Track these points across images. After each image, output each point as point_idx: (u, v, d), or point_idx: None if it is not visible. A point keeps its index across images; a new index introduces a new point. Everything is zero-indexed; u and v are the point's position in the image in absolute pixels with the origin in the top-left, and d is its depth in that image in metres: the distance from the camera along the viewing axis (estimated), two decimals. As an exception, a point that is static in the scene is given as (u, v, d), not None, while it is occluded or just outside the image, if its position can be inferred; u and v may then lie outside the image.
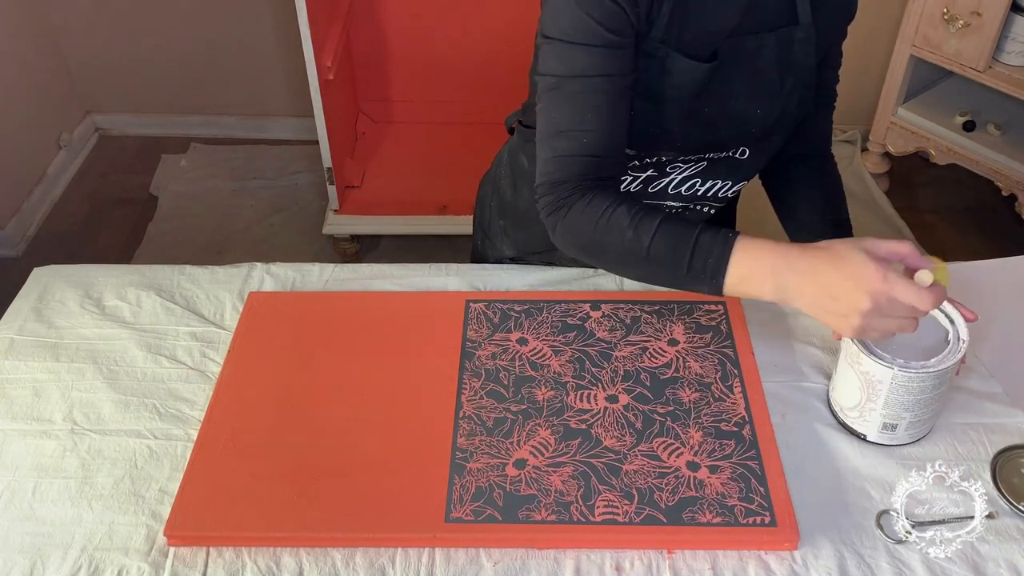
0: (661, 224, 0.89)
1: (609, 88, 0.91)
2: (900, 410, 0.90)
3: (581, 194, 0.93)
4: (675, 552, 0.85)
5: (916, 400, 0.89)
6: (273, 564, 0.84)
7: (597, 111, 0.92)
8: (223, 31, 2.63)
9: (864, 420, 0.93)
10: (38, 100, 2.58)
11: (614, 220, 0.90)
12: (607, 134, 0.93)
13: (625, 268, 0.96)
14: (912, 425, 0.92)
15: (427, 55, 2.54)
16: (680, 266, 0.88)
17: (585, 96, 0.91)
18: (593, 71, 0.90)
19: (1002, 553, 0.84)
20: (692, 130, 1.01)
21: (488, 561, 0.84)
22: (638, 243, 0.89)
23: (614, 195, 0.93)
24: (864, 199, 2.57)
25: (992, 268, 1.17)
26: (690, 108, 0.98)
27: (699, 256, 0.87)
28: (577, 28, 0.89)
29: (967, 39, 2.19)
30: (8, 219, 2.41)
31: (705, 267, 0.87)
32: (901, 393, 0.88)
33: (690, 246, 0.87)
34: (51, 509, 0.89)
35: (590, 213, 0.92)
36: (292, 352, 1.04)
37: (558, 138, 0.93)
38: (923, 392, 0.88)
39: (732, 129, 1.02)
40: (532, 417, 0.95)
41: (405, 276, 1.16)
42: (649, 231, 0.89)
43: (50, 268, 1.18)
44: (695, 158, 1.06)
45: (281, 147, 2.80)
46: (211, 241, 2.46)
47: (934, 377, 0.87)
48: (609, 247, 0.92)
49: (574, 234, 0.94)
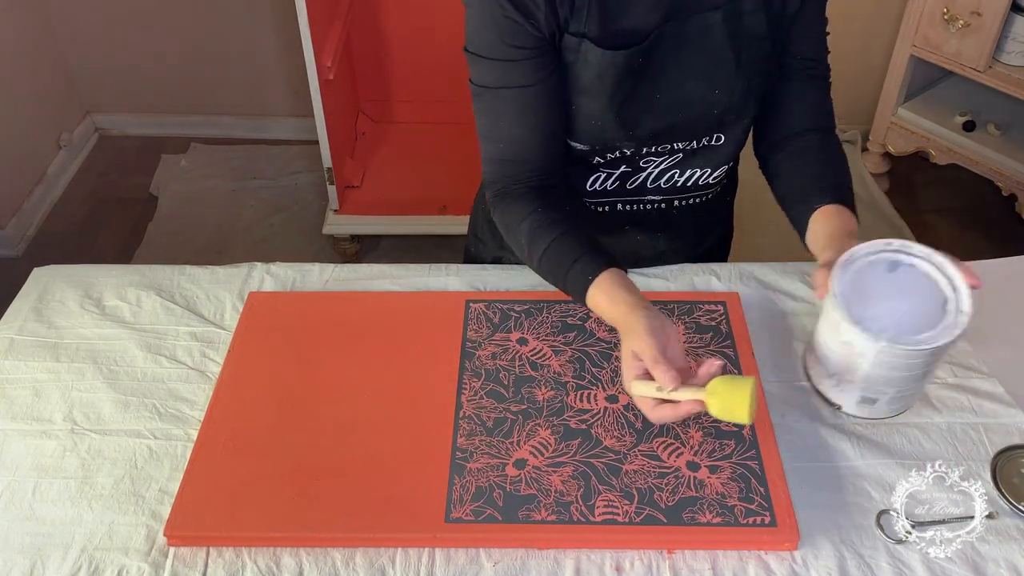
0: (549, 246, 0.98)
1: (515, 98, 0.96)
2: (883, 385, 0.83)
3: (505, 197, 1.02)
4: (675, 552, 0.85)
5: (901, 377, 0.82)
6: (273, 564, 0.84)
7: (510, 120, 0.98)
8: (223, 31, 2.63)
9: (840, 391, 0.88)
10: (38, 100, 2.58)
11: (517, 234, 1.01)
12: (521, 140, 0.99)
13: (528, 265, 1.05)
14: (894, 400, 0.86)
15: (427, 55, 2.53)
16: (560, 283, 0.99)
17: (494, 106, 0.98)
18: (498, 83, 0.97)
19: (1002, 553, 0.84)
20: (640, 119, 1.01)
21: (488, 561, 0.84)
22: (531, 259, 1.01)
23: (527, 206, 1.00)
24: (864, 199, 2.57)
25: (992, 268, 1.17)
26: (626, 98, 0.98)
27: (570, 283, 0.97)
28: (483, 43, 0.96)
29: (967, 39, 2.19)
30: (8, 219, 2.41)
31: (572, 291, 0.97)
32: (885, 369, 0.81)
33: (564, 274, 0.97)
34: (51, 509, 0.89)
35: (503, 221, 1.03)
36: (292, 352, 1.04)
37: (484, 142, 1.02)
38: (910, 369, 0.81)
39: (692, 113, 1.01)
40: (532, 417, 0.95)
41: (405, 276, 1.16)
42: (538, 253, 0.99)
43: (50, 268, 1.18)
44: (667, 149, 1.05)
45: (281, 147, 2.80)
46: (211, 241, 2.46)
47: (927, 354, 0.79)
48: (514, 250, 1.05)
49: (500, 231, 1.06)
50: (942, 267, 0.83)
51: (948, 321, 0.80)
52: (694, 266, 1.17)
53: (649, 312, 0.87)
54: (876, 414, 0.90)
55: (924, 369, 0.83)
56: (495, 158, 1.02)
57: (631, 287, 0.92)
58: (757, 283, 1.14)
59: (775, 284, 1.13)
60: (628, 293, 0.91)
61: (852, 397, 0.88)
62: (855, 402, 0.89)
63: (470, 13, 0.95)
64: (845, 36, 2.56)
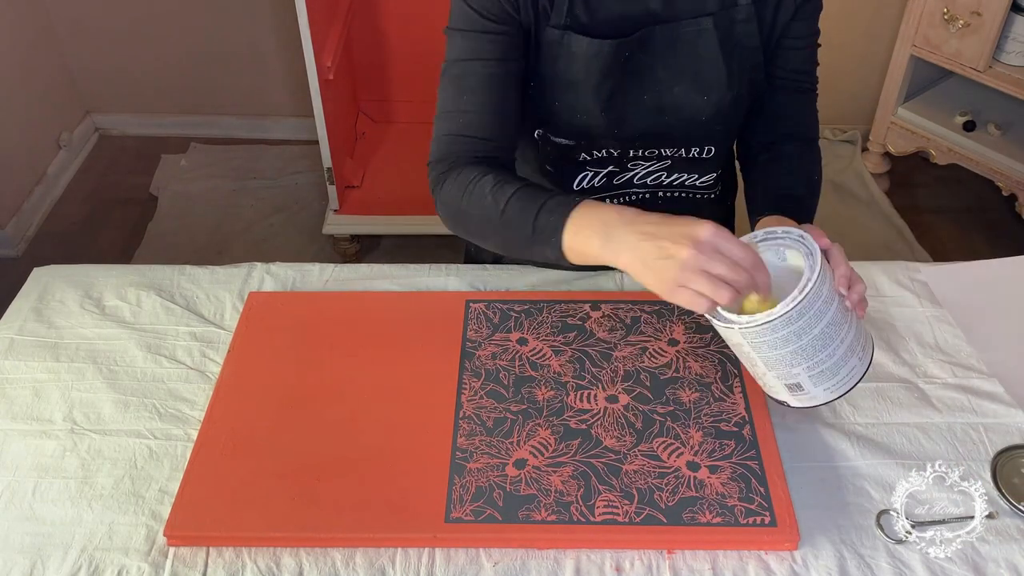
0: (519, 190, 0.92)
1: (485, 72, 0.97)
2: (787, 367, 0.82)
3: (455, 169, 0.98)
4: (675, 552, 0.85)
5: (792, 352, 0.80)
6: (273, 564, 0.84)
7: (473, 93, 0.97)
8: (223, 31, 2.63)
9: (770, 387, 0.88)
10: (38, 100, 2.58)
11: (478, 187, 0.94)
12: (485, 115, 0.98)
13: (485, 235, 0.97)
14: (817, 378, 0.83)
15: (427, 55, 2.52)
16: (527, 227, 0.90)
17: (463, 79, 0.97)
18: (470, 55, 0.97)
19: (1002, 553, 0.84)
20: (626, 118, 1.01)
21: (488, 561, 0.84)
22: (495, 207, 0.92)
23: (485, 168, 0.96)
24: (864, 199, 2.57)
25: (992, 268, 1.17)
26: (612, 94, 0.99)
27: (543, 215, 0.89)
28: (459, 16, 0.97)
29: (967, 39, 2.19)
30: (8, 219, 2.41)
31: (547, 225, 0.88)
32: (767, 349, 0.80)
33: (537, 207, 0.89)
34: (51, 509, 0.89)
35: (459, 182, 0.96)
36: (292, 352, 1.04)
37: (442, 119, 1.00)
38: (792, 341, 0.79)
39: (679, 118, 1.02)
40: (532, 417, 0.95)
41: (405, 276, 1.16)
42: (506, 195, 0.92)
43: (50, 268, 1.18)
44: (654, 155, 1.06)
45: (281, 147, 2.80)
46: (211, 241, 2.46)
47: (788, 322, 0.77)
48: (473, 214, 0.95)
49: (446, 206, 0.98)
50: (802, 239, 0.83)
51: (802, 281, 0.79)
52: (694, 266, 1.16)
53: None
54: (817, 399, 0.86)
55: (813, 336, 0.80)
56: (452, 133, 0.99)
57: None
58: (757, 283, 1.14)
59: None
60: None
61: (781, 389, 0.87)
62: (787, 393, 0.87)
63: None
64: (845, 36, 2.57)
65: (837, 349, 0.82)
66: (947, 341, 1.05)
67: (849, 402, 0.98)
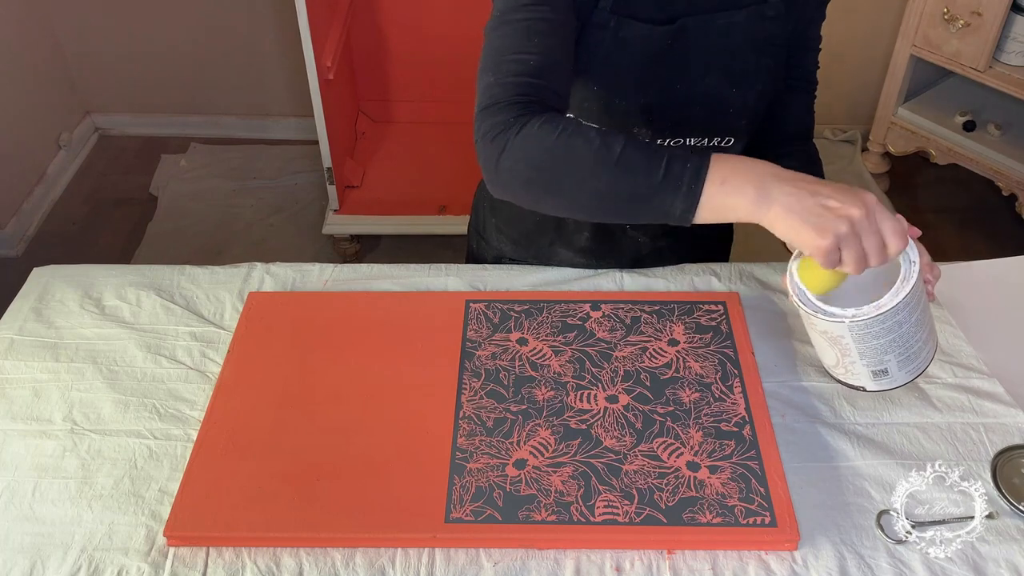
0: (631, 138, 0.82)
1: (552, 17, 0.89)
2: (880, 355, 0.84)
3: (536, 113, 0.84)
4: (675, 552, 0.85)
5: (891, 340, 0.83)
6: (273, 564, 0.84)
7: (542, 36, 0.88)
8: (223, 31, 2.63)
9: (853, 375, 0.89)
10: (38, 100, 2.58)
11: (581, 131, 0.82)
12: (553, 61, 0.88)
13: (585, 182, 0.83)
14: (904, 363, 0.86)
15: (427, 55, 2.54)
16: (655, 172, 0.80)
17: (530, 23, 0.88)
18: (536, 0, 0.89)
19: (1002, 553, 0.84)
20: (661, 106, 1.01)
21: (488, 561, 0.84)
22: (608, 151, 0.81)
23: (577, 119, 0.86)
24: (864, 199, 2.57)
25: (992, 268, 1.17)
26: (651, 81, 0.98)
27: (676, 162, 0.80)
28: None
29: (967, 39, 2.19)
30: (8, 219, 2.41)
31: (684, 171, 0.80)
32: (869, 340, 0.83)
33: (665, 154, 0.81)
34: (51, 509, 0.89)
35: (550, 127, 0.83)
36: (292, 352, 1.04)
37: (503, 64, 0.87)
38: (894, 331, 0.82)
39: (708, 109, 1.02)
40: (532, 417, 0.95)
41: (405, 276, 1.16)
42: (620, 141, 0.81)
43: (50, 268, 1.18)
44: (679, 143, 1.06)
45: (281, 147, 2.80)
46: (211, 241, 2.46)
47: (895, 313, 0.80)
48: (572, 159, 0.82)
49: (527, 154, 0.83)
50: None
51: (903, 273, 0.81)
52: (694, 266, 1.17)
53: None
54: (897, 382, 0.88)
55: (909, 326, 0.82)
56: (520, 73, 0.86)
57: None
58: (757, 283, 1.14)
59: (775, 284, 1.13)
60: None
61: (865, 376, 0.88)
62: (870, 379, 0.88)
63: None
64: (845, 36, 2.57)
65: (923, 333, 0.85)
66: (947, 341, 1.05)
67: (849, 402, 0.98)
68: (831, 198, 0.77)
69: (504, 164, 0.84)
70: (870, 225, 0.76)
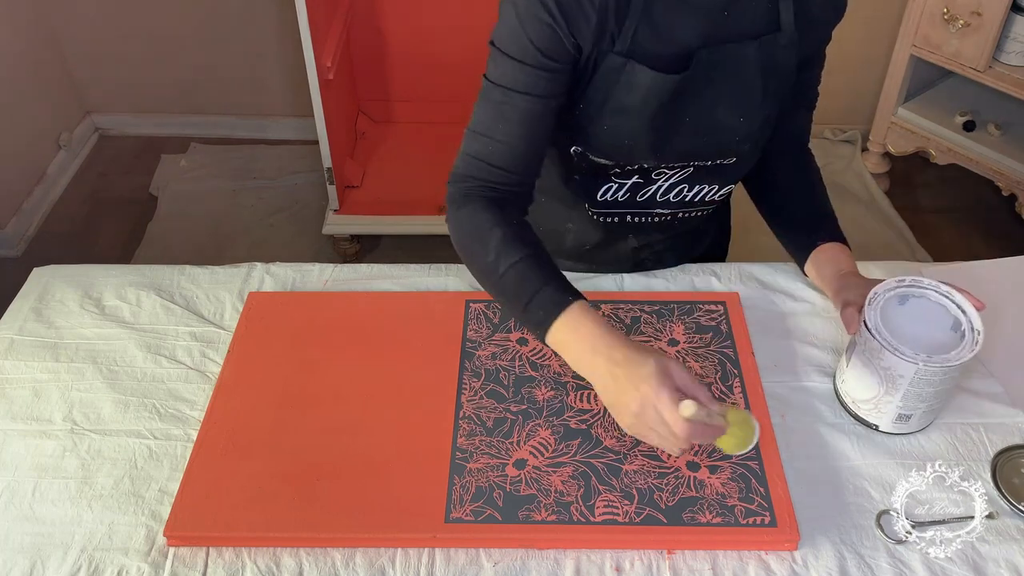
0: (520, 261, 0.92)
1: (528, 107, 0.94)
2: (917, 401, 0.91)
3: (474, 199, 0.97)
4: (675, 552, 0.85)
5: (935, 391, 0.90)
6: (273, 564, 0.84)
7: (511, 124, 0.95)
8: (223, 31, 2.63)
9: (879, 412, 0.93)
10: (38, 100, 2.58)
11: (486, 239, 0.94)
12: (516, 149, 0.96)
13: (482, 284, 0.98)
14: (925, 414, 0.93)
15: (427, 55, 2.54)
16: (519, 303, 0.92)
17: (503, 107, 0.94)
18: (517, 87, 0.93)
19: (1002, 553, 0.84)
20: (670, 140, 1.01)
21: (488, 561, 0.84)
22: (495, 269, 0.93)
23: (500, 215, 0.96)
24: (864, 199, 2.57)
25: (992, 268, 1.17)
26: (662, 119, 0.98)
27: (535, 306, 0.91)
28: (513, 42, 0.92)
29: (967, 39, 2.19)
30: (8, 219, 2.41)
31: (537, 316, 0.90)
32: (922, 386, 0.89)
33: (531, 293, 0.91)
34: (51, 509, 0.89)
35: (473, 222, 0.96)
36: (292, 352, 1.04)
37: (473, 138, 0.97)
38: (943, 384, 0.89)
39: (713, 138, 1.02)
40: (532, 417, 0.95)
41: (405, 276, 1.16)
42: (507, 262, 0.92)
43: (50, 268, 1.18)
44: (679, 165, 1.06)
45: (281, 147, 2.80)
46: (211, 241, 2.46)
47: (955, 369, 0.88)
48: (474, 260, 0.97)
49: (455, 232, 0.98)
50: (949, 295, 0.93)
51: (967, 339, 0.90)
52: (694, 266, 1.17)
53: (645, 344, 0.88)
54: (909, 428, 0.95)
55: (951, 384, 0.91)
56: (479, 156, 0.97)
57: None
58: (757, 283, 1.14)
59: (775, 284, 1.13)
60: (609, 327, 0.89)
61: (889, 416, 0.93)
62: (891, 420, 0.93)
63: (507, 10, 0.91)
64: (845, 36, 2.56)
65: (949, 397, 0.95)
66: (947, 341, 1.05)
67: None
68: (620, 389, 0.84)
69: (448, 225, 0.99)
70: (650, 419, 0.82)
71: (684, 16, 0.93)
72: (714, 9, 0.93)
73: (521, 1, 0.90)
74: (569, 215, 1.15)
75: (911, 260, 2.31)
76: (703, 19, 0.94)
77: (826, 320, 1.08)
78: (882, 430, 0.94)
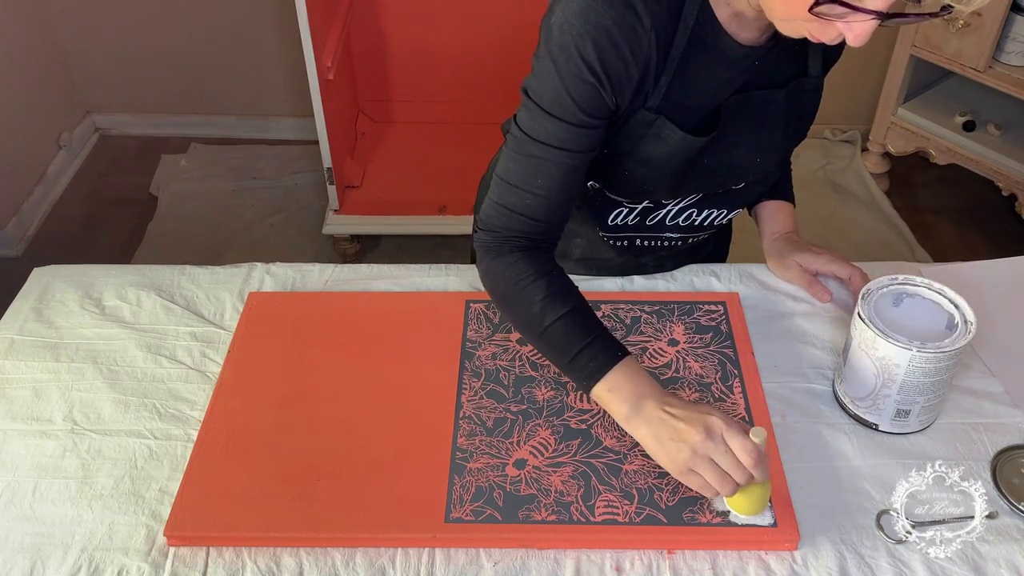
0: (568, 313, 0.93)
1: (567, 162, 0.92)
2: (914, 395, 0.91)
3: (511, 250, 0.96)
4: (675, 552, 0.85)
5: (930, 383, 0.90)
6: (273, 564, 0.84)
7: (549, 179, 0.93)
8: (223, 31, 2.63)
9: (877, 409, 0.93)
10: (38, 100, 2.58)
11: (530, 290, 0.94)
12: (553, 203, 0.95)
13: (519, 332, 0.99)
14: (924, 411, 0.93)
15: (427, 55, 2.54)
16: (566, 355, 0.92)
17: (542, 162, 0.92)
18: (557, 143, 0.91)
19: (1002, 553, 0.84)
20: (688, 182, 1.02)
21: (488, 561, 0.84)
22: (540, 320, 0.93)
23: (540, 264, 0.96)
24: (864, 199, 2.57)
25: (992, 268, 1.17)
26: (684, 168, 0.99)
27: (585, 356, 0.91)
28: (554, 101, 0.89)
29: (967, 39, 2.19)
30: (8, 219, 2.41)
31: (586, 367, 0.91)
32: (917, 375, 0.89)
33: (582, 344, 0.91)
34: (51, 509, 0.89)
35: (512, 272, 0.95)
36: (292, 352, 1.04)
37: (508, 189, 0.95)
38: (938, 374, 0.89)
39: (728, 176, 1.04)
40: (532, 417, 0.95)
41: (405, 276, 1.16)
42: (554, 314, 0.93)
43: (50, 268, 1.18)
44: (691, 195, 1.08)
45: (281, 147, 2.80)
46: (211, 241, 2.46)
47: (949, 357, 0.88)
48: (516, 310, 0.96)
49: (492, 281, 0.98)
50: (942, 291, 0.94)
51: (960, 329, 0.90)
52: (694, 266, 1.17)
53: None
54: (909, 427, 0.94)
55: (947, 376, 0.90)
56: (515, 208, 0.95)
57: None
58: (757, 283, 1.14)
59: (775, 284, 1.13)
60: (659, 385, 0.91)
61: (888, 413, 0.93)
62: (890, 417, 0.93)
63: (547, 67, 0.88)
64: (845, 36, 2.57)
65: (946, 392, 0.94)
66: (947, 341, 1.05)
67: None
68: (681, 422, 0.85)
69: (480, 272, 0.99)
70: (717, 449, 0.83)
71: (718, 70, 0.93)
72: (748, 61, 0.93)
73: (561, 58, 0.86)
74: (578, 231, 1.16)
75: (911, 260, 2.31)
76: (736, 72, 0.94)
77: (826, 320, 1.08)
78: (882, 429, 0.94)
